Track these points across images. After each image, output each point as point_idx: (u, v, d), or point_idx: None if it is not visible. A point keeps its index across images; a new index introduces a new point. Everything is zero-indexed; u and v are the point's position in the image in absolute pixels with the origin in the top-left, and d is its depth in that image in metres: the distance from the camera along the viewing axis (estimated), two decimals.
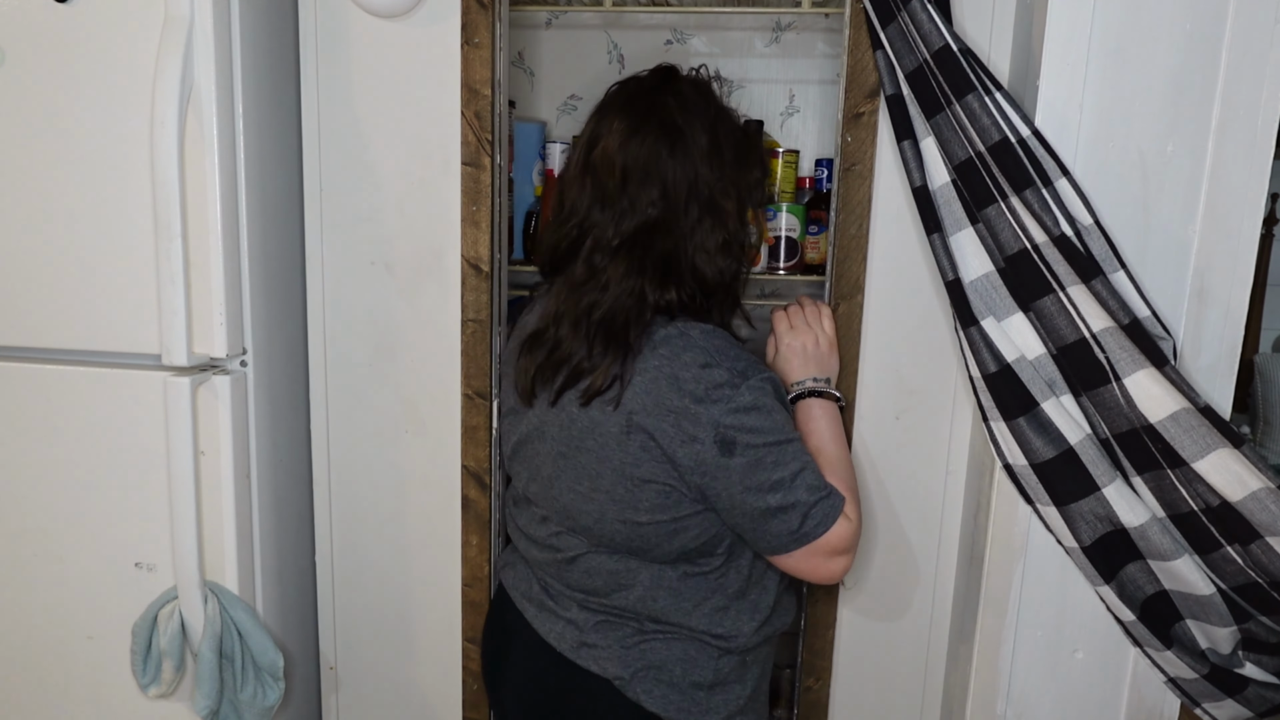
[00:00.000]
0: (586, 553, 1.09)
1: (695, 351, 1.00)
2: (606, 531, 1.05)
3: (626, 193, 1.04)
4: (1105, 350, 1.04)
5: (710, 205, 1.05)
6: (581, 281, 1.05)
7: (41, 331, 1.34)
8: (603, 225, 1.05)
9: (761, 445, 0.99)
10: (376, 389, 1.44)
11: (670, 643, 1.09)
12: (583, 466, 1.04)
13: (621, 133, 1.04)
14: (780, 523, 1.01)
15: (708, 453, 0.99)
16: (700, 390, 0.98)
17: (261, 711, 1.37)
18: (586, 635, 1.10)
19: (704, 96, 1.09)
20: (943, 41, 1.08)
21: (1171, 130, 1.07)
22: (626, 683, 1.07)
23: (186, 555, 1.31)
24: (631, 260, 1.03)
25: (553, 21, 1.86)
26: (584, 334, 1.03)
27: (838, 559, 1.05)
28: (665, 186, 1.03)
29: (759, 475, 1.00)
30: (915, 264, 1.28)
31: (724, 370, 0.99)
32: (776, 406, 1.02)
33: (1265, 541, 1.00)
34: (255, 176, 1.33)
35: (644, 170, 1.03)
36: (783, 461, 1.00)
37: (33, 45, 1.26)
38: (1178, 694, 1.18)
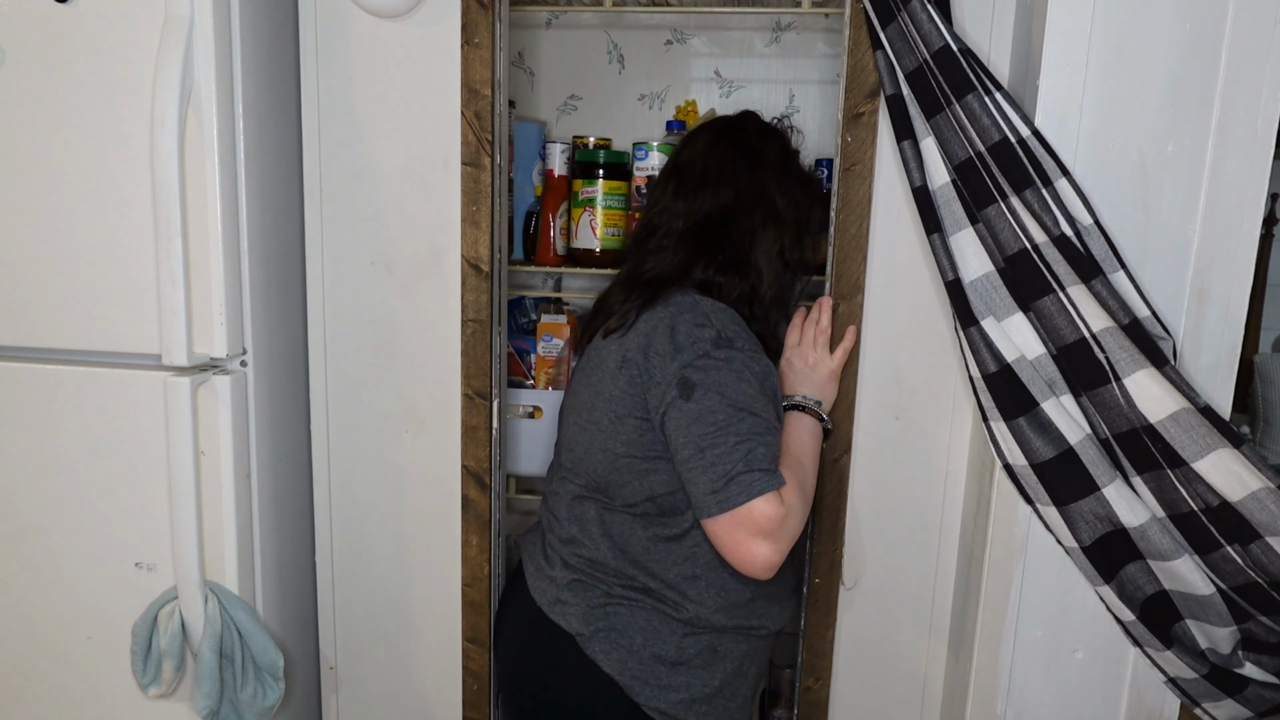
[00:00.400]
0: (576, 497, 1.17)
1: (697, 313, 1.09)
2: (591, 462, 1.14)
3: (705, 189, 1.18)
4: (1105, 350, 1.04)
5: (774, 216, 1.18)
6: (644, 256, 1.19)
7: (41, 331, 1.34)
8: (674, 214, 1.19)
9: (718, 400, 1.04)
10: (376, 389, 1.44)
11: (635, 610, 1.13)
12: (584, 400, 1.15)
13: (705, 145, 1.21)
14: (706, 478, 1.03)
15: (670, 393, 1.06)
16: (684, 341, 1.06)
17: (261, 711, 1.37)
18: (561, 592, 1.17)
19: (780, 135, 1.26)
20: (943, 41, 1.08)
21: (1171, 130, 1.07)
22: (587, 639, 1.13)
23: (186, 555, 1.31)
24: (694, 243, 1.16)
25: (553, 21, 1.86)
26: (627, 290, 1.16)
27: (759, 542, 1.03)
28: (739, 190, 1.18)
29: (704, 426, 1.03)
30: (915, 264, 1.28)
31: (713, 331, 1.07)
32: (750, 381, 1.06)
33: (1265, 541, 1.00)
34: (255, 176, 1.33)
35: (720, 174, 1.18)
36: (730, 425, 1.03)
37: (33, 45, 1.26)
38: (1178, 694, 1.18)
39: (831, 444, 1.34)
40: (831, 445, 1.34)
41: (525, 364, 1.78)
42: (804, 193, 1.24)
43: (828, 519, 1.37)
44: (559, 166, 1.67)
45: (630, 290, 1.16)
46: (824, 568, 1.38)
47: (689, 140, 1.25)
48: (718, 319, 1.09)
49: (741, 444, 1.03)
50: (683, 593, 1.13)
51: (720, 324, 1.08)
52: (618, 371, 1.11)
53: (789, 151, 1.26)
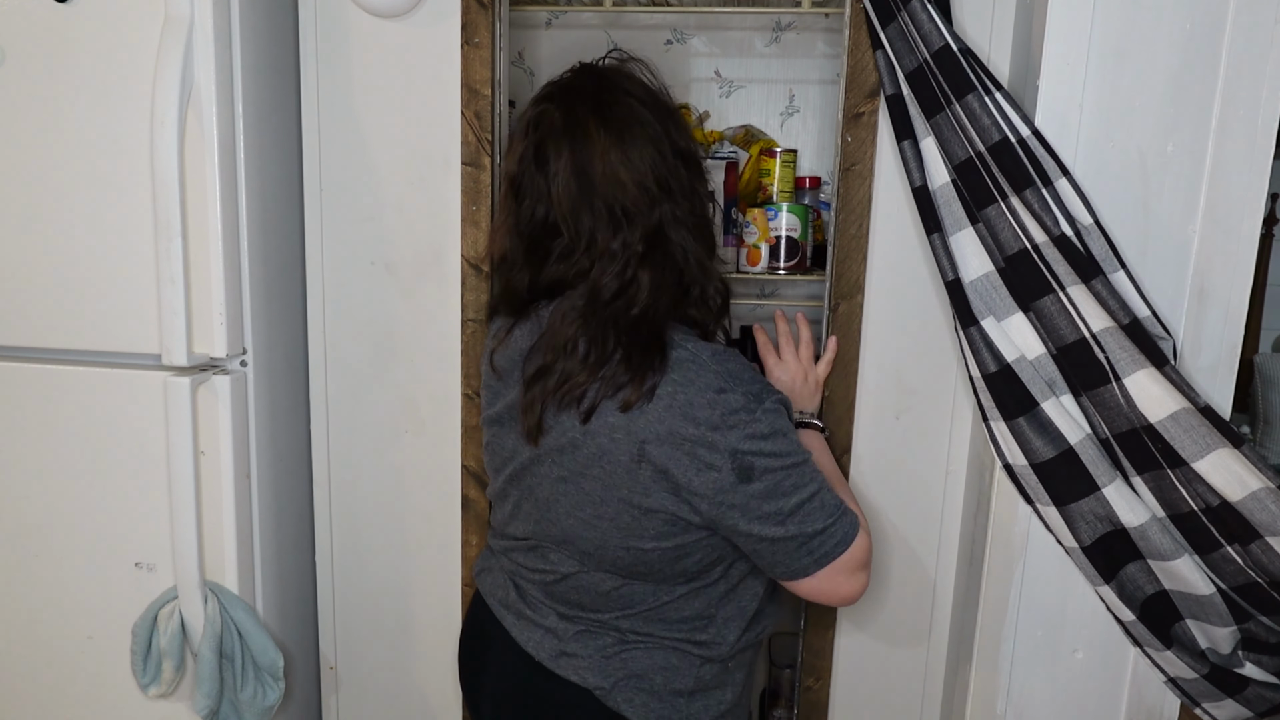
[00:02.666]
0: (579, 572, 1.06)
1: (709, 376, 0.96)
2: (608, 557, 1.03)
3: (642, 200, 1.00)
4: (1105, 350, 1.04)
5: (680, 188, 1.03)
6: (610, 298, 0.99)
7: (41, 331, 1.34)
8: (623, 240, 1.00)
9: (779, 469, 0.97)
10: (376, 389, 1.44)
11: (651, 651, 1.07)
12: (586, 493, 1.00)
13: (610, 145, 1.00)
14: (802, 546, 0.99)
15: (725, 480, 0.95)
16: (716, 417, 0.94)
17: (261, 711, 1.37)
18: (566, 644, 1.07)
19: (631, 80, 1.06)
20: (943, 41, 1.08)
21: (1171, 130, 1.07)
22: (607, 693, 1.05)
23: (186, 555, 1.31)
24: (654, 269, 1.00)
25: (553, 21, 1.86)
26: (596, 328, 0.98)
27: (858, 575, 1.02)
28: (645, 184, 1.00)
29: (778, 501, 0.97)
30: (915, 264, 1.28)
31: (739, 395, 0.95)
32: (790, 428, 1.00)
33: (1265, 541, 1.00)
34: (255, 176, 1.33)
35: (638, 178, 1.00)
36: (801, 484, 0.98)
37: (33, 45, 1.26)
38: (1178, 694, 1.18)
39: (831, 444, 1.34)
40: (832, 445, 1.34)
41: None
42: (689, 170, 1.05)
43: None
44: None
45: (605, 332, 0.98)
46: None
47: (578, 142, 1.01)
48: (732, 376, 0.97)
49: (814, 498, 0.98)
50: (699, 631, 1.08)
51: (739, 382, 0.97)
52: (635, 467, 0.97)
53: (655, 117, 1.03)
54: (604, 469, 0.98)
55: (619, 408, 0.96)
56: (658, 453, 0.95)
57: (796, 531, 0.98)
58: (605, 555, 1.02)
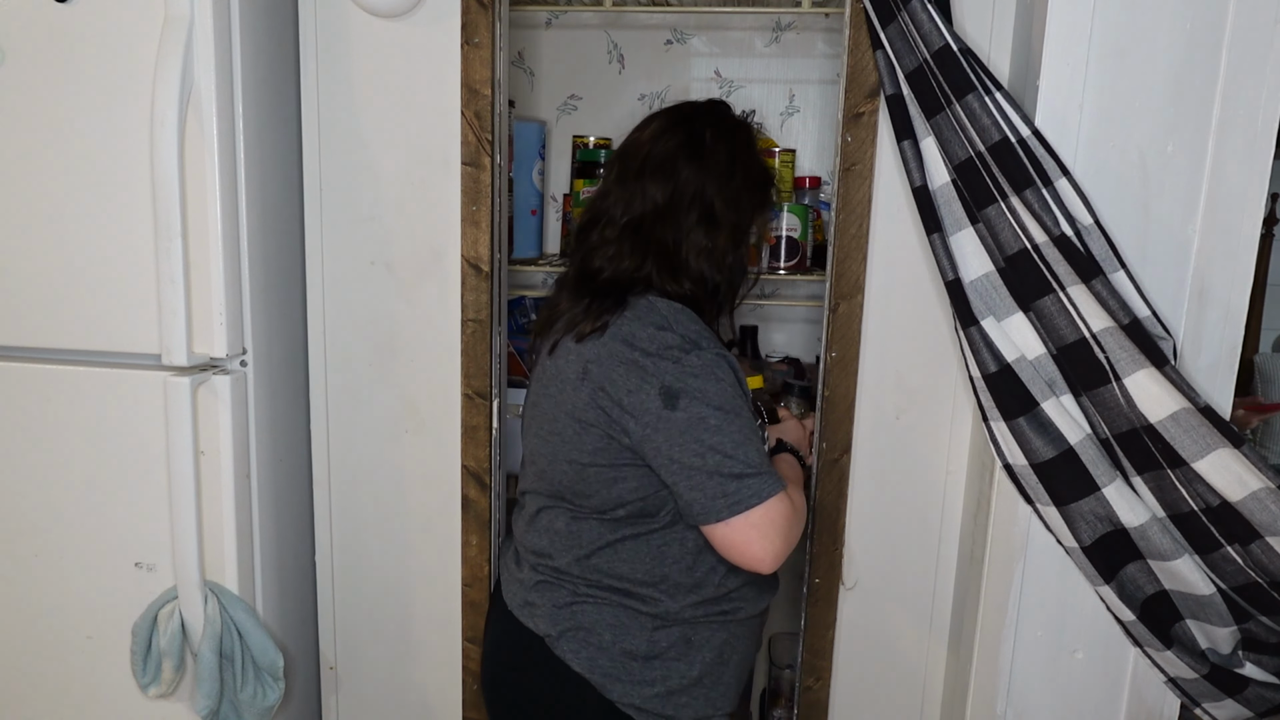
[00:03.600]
0: (544, 508, 1.16)
1: (656, 316, 1.06)
2: (557, 473, 1.12)
3: (642, 179, 1.13)
4: (1105, 350, 1.04)
5: (709, 216, 1.12)
6: (591, 248, 1.15)
7: (41, 331, 1.34)
8: (615, 203, 1.14)
9: (705, 406, 1.02)
10: (376, 389, 1.44)
11: (601, 607, 1.12)
12: (545, 410, 1.13)
13: (655, 131, 1.15)
14: (715, 484, 1.02)
15: (651, 402, 1.03)
16: (651, 347, 1.04)
17: (261, 711, 1.37)
18: (529, 594, 1.17)
19: (740, 132, 1.18)
20: (943, 41, 1.08)
21: (1171, 130, 1.07)
22: (555, 640, 1.12)
23: (186, 555, 1.31)
24: (636, 240, 1.12)
25: (553, 21, 1.86)
26: (582, 295, 1.12)
27: (771, 538, 1.03)
28: (676, 185, 1.12)
29: (699, 433, 1.02)
30: (915, 264, 1.28)
31: (676, 335, 1.04)
32: (730, 380, 1.05)
33: (1265, 541, 1.00)
34: (255, 176, 1.33)
35: (661, 165, 1.12)
36: (724, 428, 1.02)
37: (33, 45, 1.26)
38: (1178, 694, 1.18)
39: (831, 444, 1.34)
40: (831, 445, 1.34)
41: (525, 364, 1.78)
42: (749, 193, 1.17)
43: (828, 519, 1.37)
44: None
45: (584, 295, 1.12)
46: (824, 568, 1.38)
47: (644, 123, 1.19)
48: (678, 321, 1.06)
49: (740, 447, 1.02)
50: (651, 590, 1.11)
51: (682, 326, 1.06)
52: (579, 382, 1.07)
53: (745, 150, 1.18)
54: (558, 387, 1.10)
55: (575, 338, 1.09)
56: (598, 371, 1.06)
57: (714, 468, 1.02)
58: (556, 472, 1.12)
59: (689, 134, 1.14)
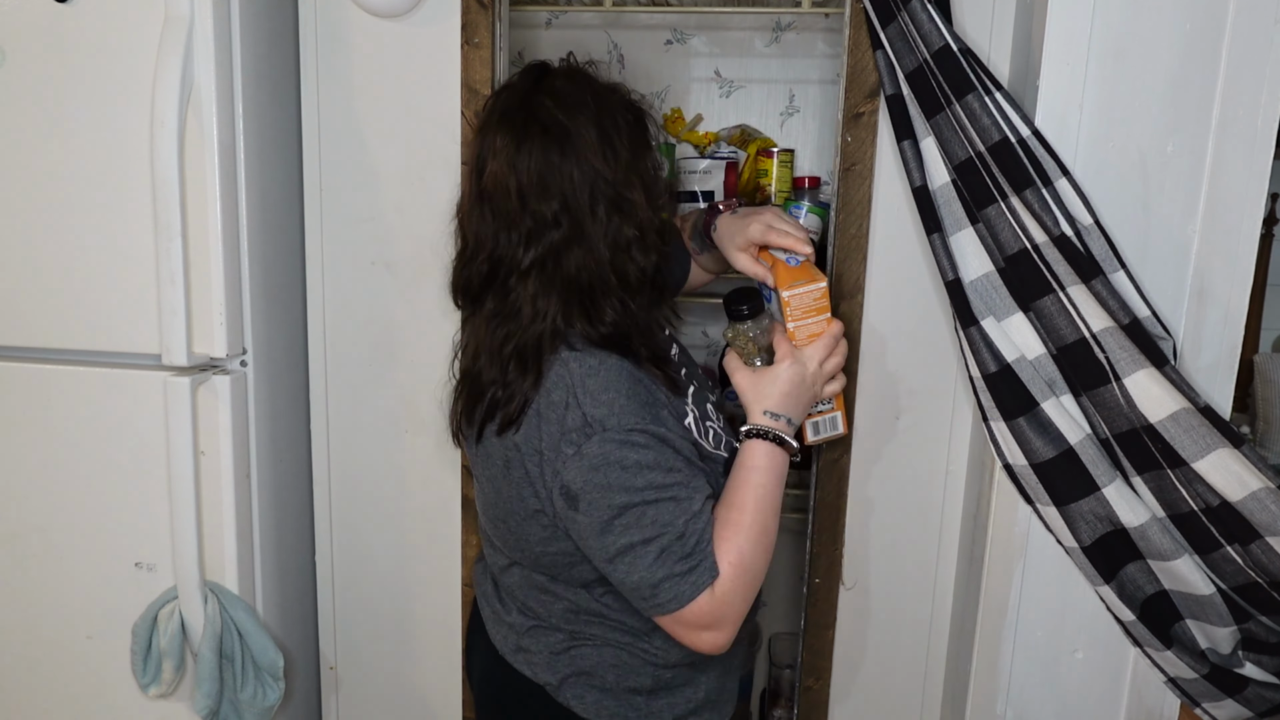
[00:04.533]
0: (512, 564, 1.08)
1: (562, 390, 0.94)
2: (519, 552, 1.04)
3: (527, 210, 0.97)
4: (1105, 350, 1.04)
5: (616, 201, 0.97)
6: (495, 313, 1.01)
7: (41, 331, 1.34)
8: (510, 251, 0.98)
9: (607, 509, 0.92)
10: (376, 389, 1.44)
11: (600, 649, 1.05)
12: (486, 495, 1.05)
13: (507, 150, 0.97)
14: (629, 585, 0.95)
15: (559, 501, 0.95)
16: (555, 433, 0.93)
17: (261, 711, 1.37)
18: (522, 639, 1.08)
19: (581, 87, 1.01)
20: (943, 41, 1.08)
21: (1171, 130, 1.07)
22: (556, 688, 1.06)
23: (186, 555, 1.31)
24: (542, 281, 0.98)
25: (553, 21, 1.85)
26: (499, 365, 0.99)
27: (699, 634, 0.96)
28: (565, 196, 0.96)
29: (606, 538, 0.93)
30: (915, 264, 1.28)
31: (579, 415, 0.92)
32: (637, 463, 0.92)
33: (1265, 541, 1.00)
34: (255, 176, 1.33)
35: (539, 183, 0.96)
36: (631, 528, 0.92)
37: (33, 45, 1.26)
38: (1178, 694, 1.18)
39: (831, 444, 1.34)
40: (831, 445, 1.34)
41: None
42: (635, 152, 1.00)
43: (828, 519, 1.37)
44: None
45: (502, 366, 0.98)
46: (824, 568, 1.38)
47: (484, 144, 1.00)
48: (584, 390, 0.93)
49: (650, 545, 0.92)
50: (648, 640, 1.05)
51: (585, 397, 0.93)
52: (507, 470, 0.98)
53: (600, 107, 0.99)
54: (489, 473, 1.02)
55: (497, 429, 0.98)
56: (519, 457, 0.96)
57: (622, 577, 0.94)
58: (517, 552, 1.04)
59: (542, 131, 0.96)
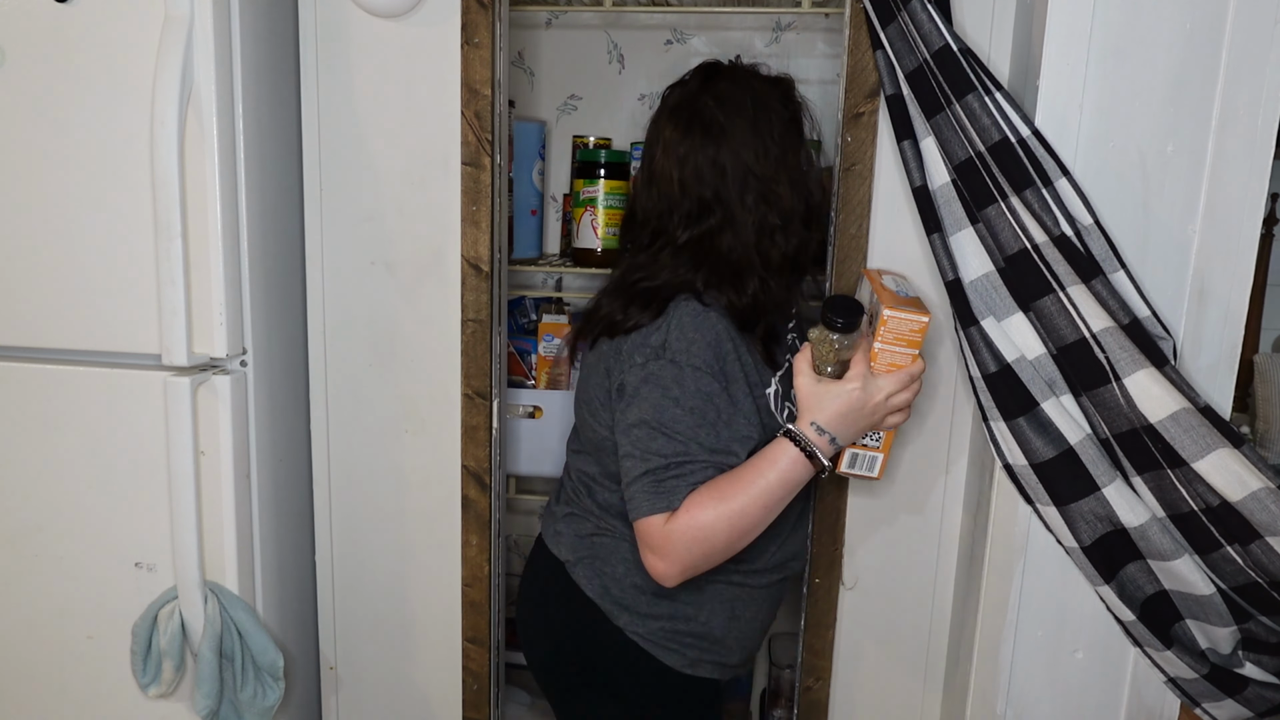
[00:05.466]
0: (580, 450, 1.25)
1: (662, 317, 1.10)
2: (587, 435, 1.21)
3: (686, 196, 1.14)
4: (1105, 350, 1.04)
5: (764, 193, 1.13)
6: (641, 264, 1.17)
7: (41, 331, 1.34)
8: (671, 229, 1.16)
9: (637, 414, 1.07)
10: (376, 389, 1.44)
11: (617, 541, 1.18)
12: (582, 384, 1.23)
13: (672, 141, 1.15)
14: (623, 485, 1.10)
15: (614, 392, 1.12)
16: (637, 341, 1.10)
17: (261, 711, 1.37)
18: (558, 524, 1.26)
19: (742, 87, 1.16)
20: (943, 41, 1.08)
21: (1171, 130, 1.07)
22: (573, 565, 1.21)
23: (186, 555, 1.31)
24: (696, 256, 1.14)
25: (553, 21, 1.86)
26: (622, 299, 1.15)
27: (646, 551, 1.08)
28: (719, 187, 1.13)
29: (623, 437, 1.09)
30: (915, 264, 1.28)
31: (661, 337, 1.08)
32: (680, 399, 1.06)
33: (1265, 541, 1.00)
34: (255, 176, 1.33)
35: (697, 175, 1.13)
36: (642, 441, 1.07)
37: (33, 45, 1.26)
38: (1177, 694, 1.18)
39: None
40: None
41: (526, 364, 1.78)
42: (784, 146, 1.16)
43: (828, 519, 1.37)
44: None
45: (624, 299, 1.15)
46: (824, 568, 1.38)
47: (656, 132, 1.19)
48: (678, 325, 1.09)
49: (643, 460, 1.06)
50: None
51: (676, 332, 1.08)
52: (598, 365, 1.17)
53: (756, 106, 1.15)
54: (590, 364, 1.20)
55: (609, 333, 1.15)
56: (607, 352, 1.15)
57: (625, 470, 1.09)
58: (586, 433, 1.22)
59: (703, 128, 1.13)
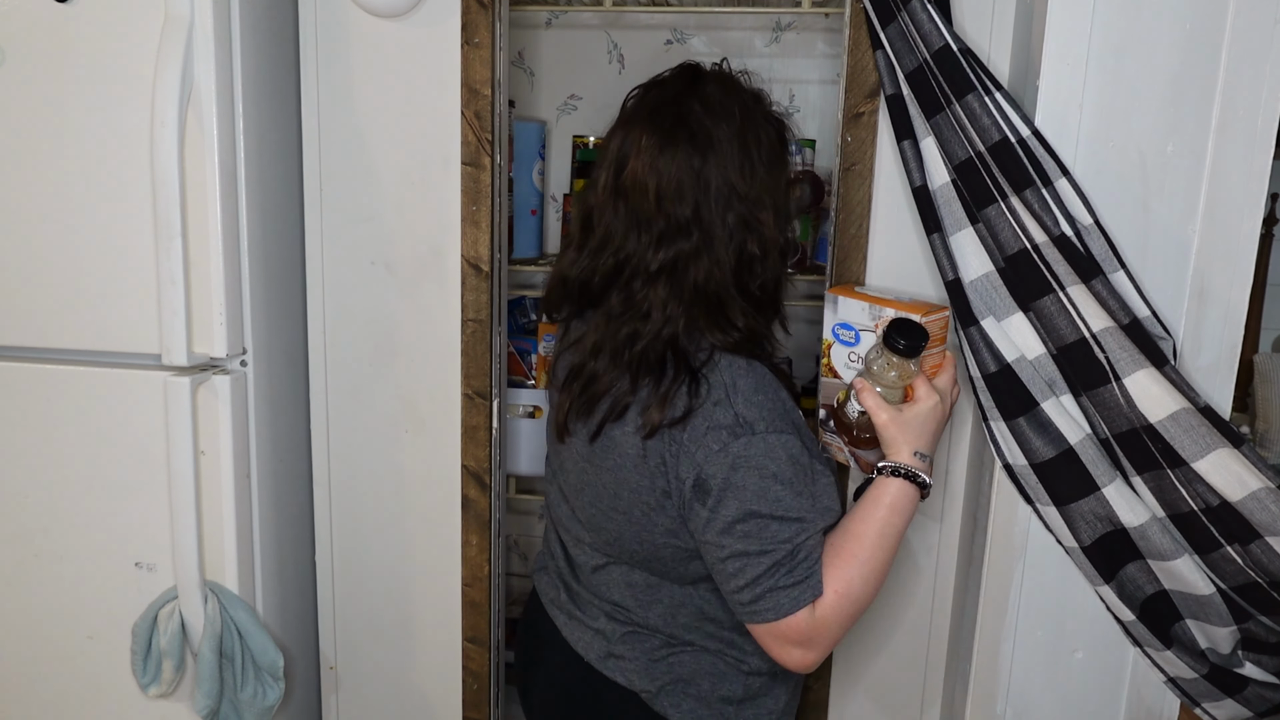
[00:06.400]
0: (608, 564, 1.07)
1: (715, 386, 0.95)
2: (627, 546, 1.03)
3: (662, 213, 0.97)
4: (1105, 350, 1.04)
5: (746, 218, 0.99)
6: (620, 312, 1.00)
7: (41, 331, 1.34)
8: (640, 251, 0.99)
9: (736, 509, 0.93)
10: (376, 389, 1.44)
11: (699, 655, 1.06)
12: (603, 485, 1.01)
13: (651, 150, 0.97)
14: (732, 587, 0.96)
15: (687, 490, 0.95)
16: (702, 426, 0.93)
17: (261, 711, 1.37)
18: (614, 646, 1.07)
19: (731, 95, 1.02)
20: (943, 41, 1.08)
21: (1171, 130, 1.07)
22: (654, 696, 1.05)
23: (186, 555, 1.31)
24: (672, 286, 0.98)
25: (553, 21, 1.86)
26: (625, 365, 0.98)
27: (790, 649, 0.96)
28: (699, 204, 0.97)
29: (725, 537, 0.94)
30: (915, 264, 1.28)
31: (730, 413, 0.93)
32: (779, 475, 0.93)
33: (1265, 541, 1.00)
34: (255, 176, 1.33)
35: (678, 189, 0.97)
36: (753, 535, 0.93)
37: (33, 45, 1.26)
38: (1177, 694, 1.18)
39: None
40: None
41: (526, 364, 1.78)
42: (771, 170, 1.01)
43: None
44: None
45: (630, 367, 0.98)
46: None
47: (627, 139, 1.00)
48: (740, 391, 0.95)
49: (764, 557, 0.93)
50: (742, 646, 1.06)
51: (742, 398, 0.94)
52: (642, 459, 0.97)
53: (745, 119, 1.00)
54: (616, 460, 0.99)
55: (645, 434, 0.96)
56: (656, 444, 0.96)
57: (728, 579, 0.95)
58: (624, 548, 1.03)
59: (689, 138, 0.97)
